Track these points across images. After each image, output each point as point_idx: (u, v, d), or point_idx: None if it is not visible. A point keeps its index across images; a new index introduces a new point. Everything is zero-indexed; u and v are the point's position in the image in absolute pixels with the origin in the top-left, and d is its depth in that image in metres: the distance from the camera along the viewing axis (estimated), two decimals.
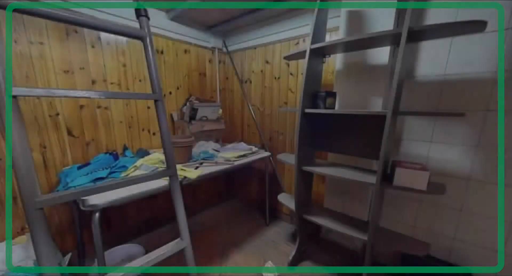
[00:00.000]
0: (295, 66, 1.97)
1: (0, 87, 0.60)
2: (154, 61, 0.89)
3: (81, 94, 0.72)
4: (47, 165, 1.49)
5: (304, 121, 1.49)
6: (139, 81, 1.86)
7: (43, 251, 0.67)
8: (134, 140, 1.90)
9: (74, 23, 0.75)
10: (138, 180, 0.87)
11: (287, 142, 2.16)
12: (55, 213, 1.57)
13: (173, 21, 2.00)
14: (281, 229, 2.18)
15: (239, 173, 2.70)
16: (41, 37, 1.38)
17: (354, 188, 1.68)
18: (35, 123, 1.42)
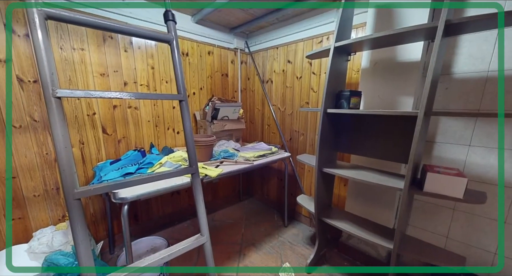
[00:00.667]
0: (318, 65, 1.92)
1: (47, 89, 0.67)
2: (179, 63, 0.93)
3: (114, 95, 0.78)
4: (84, 159, 1.64)
5: (326, 122, 1.45)
6: (166, 82, 1.96)
7: (79, 238, 0.74)
8: (160, 138, 2.01)
9: (111, 30, 0.81)
10: (163, 176, 0.92)
11: (307, 142, 2.11)
12: (90, 204, 1.73)
13: (198, 24, 2.07)
14: (300, 231, 2.14)
15: (258, 173, 2.71)
16: (82, 43, 1.52)
17: (378, 193, 1.59)
18: (75, 122, 1.57)
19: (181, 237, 2.00)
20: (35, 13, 0.64)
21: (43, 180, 1.50)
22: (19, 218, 1.44)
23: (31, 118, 1.41)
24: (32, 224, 1.49)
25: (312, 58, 1.68)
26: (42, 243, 1.33)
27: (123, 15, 1.65)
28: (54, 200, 1.56)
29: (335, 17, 1.73)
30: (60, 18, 0.70)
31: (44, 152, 1.48)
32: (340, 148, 1.65)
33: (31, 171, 1.45)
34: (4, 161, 1.35)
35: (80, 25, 0.74)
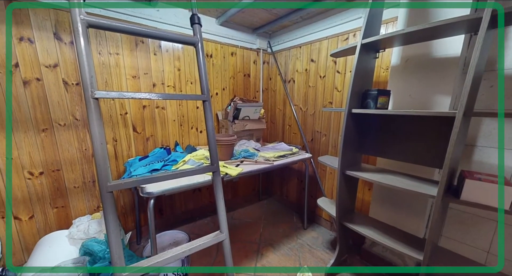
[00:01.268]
0: (343, 63, 1.85)
1: (87, 91, 0.74)
2: (204, 65, 0.97)
3: (144, 96, 0.84)
4: (117, 155, 1.78)
5: (351, 123, 1.39)
6: (191, 83, 2.04)
7: (110, 227, 0.80)
8: (184, 137, 2.10)
9: (143, 35, 0.87)
10: (186, 173, 0.96)
11: (330, 143, 2.05)
12: (121, 197, 1.86)
13: (222, 26, 2.12)
14: (319, 234, 2.09)
15: (278, 173, 2.69)
16: (117, 48, 1.65)
17: (407, 199, 1.49)
18: (110, 121, 1.71)
19: (201, 232, 2.07)
20: (79, 22, 0.71)
21: (82, 173, 1.65)
22: (62, 206, 1.61)
23: (73, 117, 1.56)
24: (72, 212, 1.66)
25: (337, 56, 1.62)
26: (80, 230, 1.47)
27: (154, 20, 1.75)
28: (90, 192, 1.71)
29: (363, 13, 1.65)
30: (99, 26, 0.77)
31: (84, 147, 1.63)
32: (365, 150, 1.57)
33: (72, 164, 1.61)
34: (51, 154, 1.52)
35: (117, 32, 0.81)
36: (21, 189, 1.45)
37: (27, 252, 1.51)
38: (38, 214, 1.54)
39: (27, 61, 1.37)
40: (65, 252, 1.35)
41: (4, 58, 1.31)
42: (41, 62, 1.41)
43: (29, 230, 1.52)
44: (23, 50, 1.35)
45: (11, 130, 1.38)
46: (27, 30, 1.35)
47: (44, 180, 1.52)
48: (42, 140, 1.48)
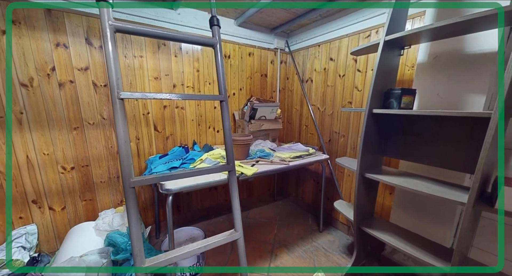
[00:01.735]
0: (364, 61, 1.78)
1: (114, 92, 0.79)
2: (222, 66, 0.99)
3: (165, 97, 0.88)
4: (139, 153, 1.87)
5: (371, 123, 1.33)
6: (209, 84, 2.09)
7: (132, 221, 0.84)
8: (201, 136, 2.15)
9: (165, 38, 0.91)
10: (203, 171, 0.98)
11: (348, 145, 1.98)
12: (142, 193, 1.96)
13: (240, 26, 2.14)
14: (336, 238, 2.03)
15: (293, 174, 2.66)
16: (141, 51, 1.74)
17: (433, 205, 1.40)
18: (133, 120, 1.80)
19: (216, 230, 2.11)
20: (107, 27, 0.76)
21: (108, 169, 1.76)
22: (89, 199, 1.73)
23: (101, 116, 1.67)
24: (99, 205, 1.77)
25: (357, 54, 1.57)
26: (105, 222, 1.57)
27: (175, 23, 1.82)
28: (115, 187, 1.82)
29: (387, 8, 1.58)
30: (126, 31, 0.81)
31: (110, 145, 1.74)
32: (386, 152, 1.50)
33: (99, 161, 1.72)
34: (81, 151, 1.64)
35: (141, 36, 0.85)
36: (55, 182, 1.59)
37: (59, 240, 1.65)
38: (69, 206, 1.67)
39: (62, 65, 1.49)
40: (91, 242, 1.45)
41: (43, 62, 1.44)
42: (74, 65, 1.53)
43: (61, 220, 1.65)
44: (59, 55, 1.47)
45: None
46: (62, 36, 1.47)
47: (74, 174, 1.64)
48: (74, 138, 1.60)
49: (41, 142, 1.50)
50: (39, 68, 1.43)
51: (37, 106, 1.46)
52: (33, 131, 1.47)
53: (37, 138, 1.49)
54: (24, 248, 1.46)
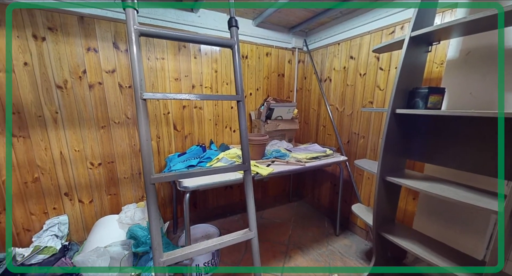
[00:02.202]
0: (387, 59, 1.70)
1: (137, 92, 0.83)
2: (239, 66, 1.00)
3: (184, 97, 0.91)
4: (159, 151, 1.95)
5: (394, 124, 1.27)
6: (226, 84, 2.13)
7: (152, 215, 0.88)
8: (218, 136, 2.19)
9: (185, 40, 0.94)
10: (219, 170, 1.00)
11: (368, 146, 1.90)
12: (162, 189, 2.04)
13: (258, 27, 2.15)
14: (353, 243, 1.96)
15: (310, 175, 2.61)
16: (163, 54, 1.81)
17: (462, 213, 1.29)
18: (155, 120, 1.88)
19: (231, 228, 2.14)
20: (133, 32, 0.81)
21: (131, 165, 1.86)
22: (114, 194, 1.84)
23: (126, 116, 1.77)
24: (122, 200, 1.88)
25: (380, 52, 1.50)
26: (127, 216, 1.66)
27: (195, 26, 1.87)
28: (137, 183, 1.91)
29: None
30: (149, 34, 0.85)
31: (133, 143, 1.83)
32: (410, 155, 1.42)
33: (123, 158, 1.82)
34: (107, 148, 1.75)
35: (163, 39, 0.89)
36: (84, 177, 1.71)
37: (87, 230, 1.77)
38: (96, 199, 1.79)
39: (92, 68, 1.61)
40: (115, 234, 1.54)
41: (76, 65, 1.55)
42: (103, 68, 1.64)
43: (89, 212, 1.78)
44: (89, 59, 1.59)
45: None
46: (93, 41, 1.57)
47: (101, 170, 1.76)
48: (101, 136, 1.71)
49: (73, 139, 1.63)
50: (72, 71, 1.55)
51: (70, 106, 1.58)
52: (66, 129, 1.60)
53: (69, 136, 1.61)
54: (57, 236, 1.59)
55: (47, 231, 1.59)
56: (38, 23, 1.42)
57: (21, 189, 1.54)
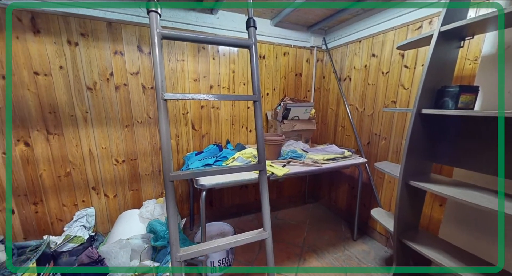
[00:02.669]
0: (413, 56, 1.61)
1: (159, 93, 0.87)
2: (256, 67, 1.00)
3: (202, 97, 0.93)
4: (178, 149, 2.02)
5: (419, 125, 1.20)
6: (243, 84, 2.15)
7: (170, 211, 0.92)
8: (234, 135, 2.22)
9: (204, 42, 0.97)
10: (235, 169, 1.02)
11: (390, 148, 1.81)
12: (180, 186, 2.11)
13: (276, 26, 2.14)
14: (371, 249, 1.88)
15: (327, 177, 2.55)
16: (183, 55, 1.87)
17: (495, 222, 1.18)
18: (174, 119, 1.95)
19: (245, 228, 2.15)
20: (156, 35, 0.84)
21: (152, 163, 1.95)
22: (136, 189, 1.94)
23: (148, 115, 1.85)
24: (143, 195, 1.98)
25: (405, 49, 1.42)
26: (148, 211, 1.74)
27: (214, 27, 1.91)
28: (157, 180, 2.00)
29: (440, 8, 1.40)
30: (171, 37, 0.89)
31: (154, 142, 1.92)
32: (437, 158, 1.33)
33: (145, 155, 1.91)
34: (131, 146, 1.85)
35: (184, 41, 0.92)
36: (109, 172, 1.82)
37: (111, 223, 1.89)
38: (120, 194, 1.89)
39: (119, 70, 1.70)
40: (136, 228, 1.63)
41: (104, 68, 1.66)
42: (128, 70, 1.73)
43: (113, 206, 1.89)
44: (116, 62, 1.69)
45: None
46: (119, 45, 1.67)
47: (125, 166, 1.86)
48: (125, 134, 1.81)
49: (100, 137, 1.74)
50: (101, 73, 1.66)
51: (98, 106, 1.69)
52: (95, 128, 1.71)
53: (97, 134, 1.73)
54: (85, 227, 1.71)
55: (76, 222, 1.71)
56: (72, 29, 1.54)
57: (55, 182, 1.68)
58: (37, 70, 1.50)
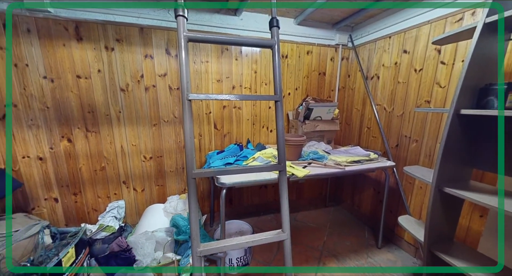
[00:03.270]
0: (451, 51, 1.47)
1: (184, 94, 0.91)
2: (279, 66, 1.00)
3: (225, 97, 0.95)
4: (201, 148, 2.09)
5: (457, 127, 1.09)
6: (265, 84, 2.15)
7: (192, 207, 0.95)
8: (255, 135, 2.23)
9: (228, 43, 0.99)
10: (254, 169, 1.02)
11: (422, 151, 1.68)
12: (201, 184, 2.18)
13: (300, 25, 2.11)
14: (398, 258, 1.75)
15: (349, 180, 2.45)
16: (207, 57, 1.93)
17: None
18: (197, 119, 2.02)
19: (264, 227, 2.15)
20: (182, 38, 0.88)
21: (176, 160, 2.04)
22: (161, 185, 2.05)
23: (173, 115, 1.95)
24: (167, 191, 2.08)
25: (442, 43, 1.30)
26: (171, 206, 1.83)
27: (238, 28, 1.93)
28: (180, 176, 2.09)
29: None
30: (196, 40, 0.92)
31: (178, 140, 2.01)
32: (477, 164, 1.20)
33: (170, 153, 2.01)
34: (157, 144, 1.95)
35: (208, 43, 0.95)
36: (138, 168, 1.95)
37: (139, 215, 2.02)
38: (147, 189, 2.02)
39: (148, 73, 1.82)
40: (161, 221, 1.72)
41: (135, 71, 1.78)
42: (156, 72, 1.84)
43: (141, 199, 2.02)
44: (146, 65, 1.80)
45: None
46: (150, 49, 1.78)
47: (152, 163, 1.98)
48: (153, 133, 1.93)
49: (131, 135, 1.87)
50: (133, 76, 1.78)
51: (129, 106, 1.82)
52: (127, 126, 1.85)
53: (128, 132, 1.86)
54: (116, 218, 1.85)
55: (109, 213, 1.86)
56: (109, 36, 1.67)
57: (92, 176, 1.84)
58: (79, 74, 1.66)
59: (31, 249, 1.34)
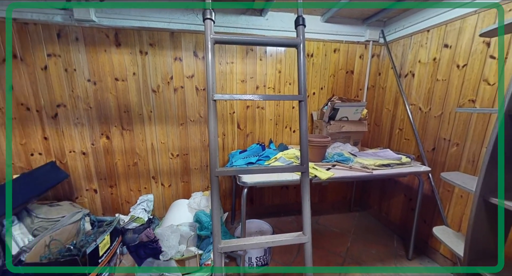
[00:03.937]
0: (504, 44, 1.30)
1: (209, 94, 0.94)
2: (303, 66, 0.98)
3: (248, 98, 0.96)
4: (224, 147, 2.14)
5: (509, 130, 0.96)
6: (289, 84, 2.12)
7: (214, 204, 0.98)
8: (278, 135, 2.22)
9: (253, 44, 1.01)
10: (276, 169, 1.02)
11: (464, 156, 1.51)
12: (223, 182, 2.24)
13: (327, 22, 2.04)
14: (431, 273, 1.60)
15: (377, 184, 2.30)
16: (232, 58, 1.97)
17: None
18: (221, 118, 2.08)
19: (284, 228, 2.13)
20: (209, 40, 0.91)
21: (200, 158, 2.12)
22: (186, 181, 2.15)
23: (199, 115, 2.03)
24: (192, 187, 2.17)
25: (492, 35, 1.15)
26: (195, 202, 1.91)
27: (263, 29, 1.93)
28: (204, 174, 2.17)
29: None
30: (222, 41, 0.95)
31: (203, 139, 2.08)
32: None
33: (195, 151, 2.10)
34: (184, 142, 2.05)
35: (234, 44, 0.97)
36: (166, 165, 2.07)
37: (165, 209, 2.14)
38: (173, 184, 2.13)
39: (177, 74, 1.91)
40: (185, 216, 1.80)
41: (165, 73, 1.89)
42: (185, 74, 1.93)
43: (168, 194, 2.14)
44: (176, 67, 1.89)
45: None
46: (179, 52, 1.87)
47: (178, 160, 2.08)
48: (180, 131, 2.02)
49: (160, 134, 1.99)
50: (163, 78, 1.89)
51: (160, 106, 1.94)
52: (157, 125, 1.97)
53: (158, 130, 1.98)
54: (145, 210, 1.99)
55: (139, 205, 2.00)
56: (144, 41, 1.80)
57: (126, 170, 2.00)
58: (117, 77, 1.82)
59: (74, 233, 1.50)
